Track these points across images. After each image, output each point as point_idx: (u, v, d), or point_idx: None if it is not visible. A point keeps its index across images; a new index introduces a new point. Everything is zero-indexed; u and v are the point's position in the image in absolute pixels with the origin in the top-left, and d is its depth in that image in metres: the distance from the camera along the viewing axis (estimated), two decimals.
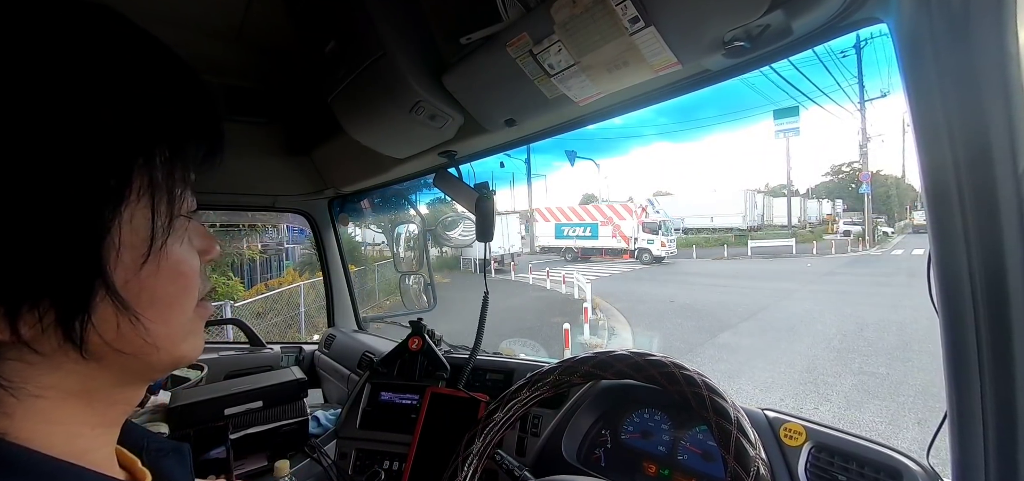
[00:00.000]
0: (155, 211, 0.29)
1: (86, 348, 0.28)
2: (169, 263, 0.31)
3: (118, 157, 0.27)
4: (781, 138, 26.26)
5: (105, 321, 0.28)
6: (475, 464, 0.87)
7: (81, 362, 0.29)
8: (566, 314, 8.05)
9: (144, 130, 0.28)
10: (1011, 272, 0.44)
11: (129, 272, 0.28)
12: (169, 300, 0.32)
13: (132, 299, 0.29)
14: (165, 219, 0.30)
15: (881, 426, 4.13)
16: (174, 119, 0.30)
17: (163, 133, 0.30)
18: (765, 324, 7.90)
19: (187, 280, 0.33)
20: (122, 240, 0.28)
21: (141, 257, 0.29)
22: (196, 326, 0.36)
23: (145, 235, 0.29)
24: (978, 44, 0.42)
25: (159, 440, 0.42)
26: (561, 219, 22.85)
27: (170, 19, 0.96)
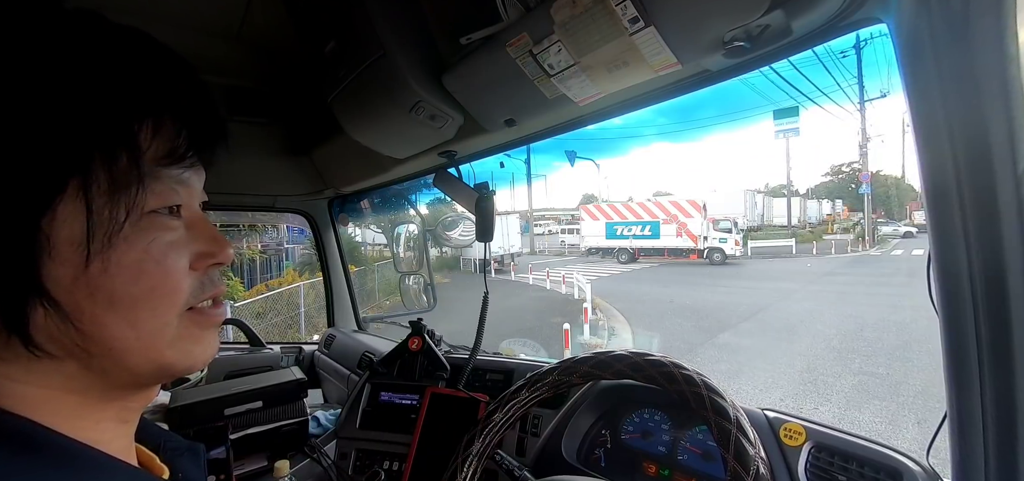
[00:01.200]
0: (92, 210, 0.27)
1: (34, 345, 0.27)
2: (126, 262, 0.29)
3: (41, 160, 0.25)
4: (781, 138, 26.26)
5: (40, 319, 0.27)
6: (475, 464, 0.87)
7: (50, 360, 0.28)
8: (566, 314, 8.04)
9: (71, 129, 0.26)
10: (1011, 272, 0.44)
11: (77, 270, 0.27)
12: (131, 302, 0.29)
13: (83, 299, 0.27)
14: (112, 217, 0.28)
15: (881, 426, 4.13)
16: (113, 111, 0.28)
17: (97, 129, 0.27)
18: (765, 324, 7.90)
19: (153, 281, 0.30)
20: (57, 239, 0.26)
21: (84, 256, 0.27)
22: (188, 333, 0.33)
23: (82, 230, 0.27)
24: (978, 44, 0.42)
25: (175, 439, 0.42)
26: (613, 217, 21.22)
27: (170, 19, 0.96)
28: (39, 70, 0.26)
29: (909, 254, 17.80)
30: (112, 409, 0.33)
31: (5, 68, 0.25)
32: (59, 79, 0.26)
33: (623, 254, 20.53)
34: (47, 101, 0.26)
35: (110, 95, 0.28)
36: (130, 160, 0.28)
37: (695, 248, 18.81)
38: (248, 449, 1.18)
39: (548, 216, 43.90)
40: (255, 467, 1.19)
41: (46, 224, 0.26)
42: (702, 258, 18.57)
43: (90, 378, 0.30)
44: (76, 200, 0.26)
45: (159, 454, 0.40)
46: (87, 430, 0.30)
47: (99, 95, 0.27)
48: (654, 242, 19.93)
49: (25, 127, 0.25)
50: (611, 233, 21.11)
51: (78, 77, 0.27)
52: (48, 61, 0.26)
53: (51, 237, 0.26)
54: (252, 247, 13.29)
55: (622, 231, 20.77)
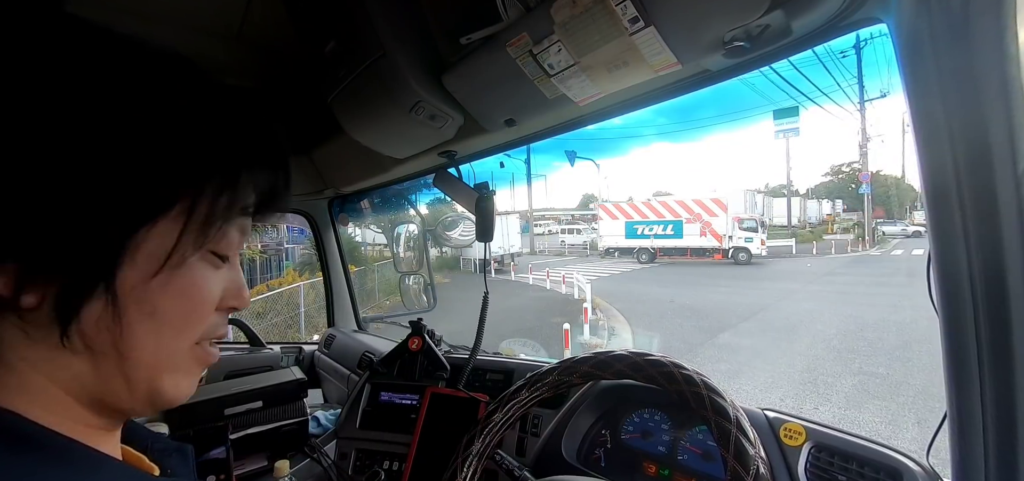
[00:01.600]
0: (183, 235, 0.30)
1: (69, 335, 0.28)
2: (180, 284, 0.32)
3: (163, 180, 0.29)
4: (781, 138, 26.25)
5: (93, 314, 0.29)
6: (475, 465, 0.87)
7: (68, 354, 0.29)
8: (566, 314, 8.04)
9: (197, 162, 0.31)
10: (1011, 272, 0.44)
11: (140, 278, 0.30)
12: (168, 318, 0.32)
13: (132, 304, 0.30)
14: (194, 245, 0.31)
15: (881, 427, 4.13)
16: (232, 156, 0.32)
17: (214, 168, 0.32)
18: (765, 324, 7.90)
19: (194, 305, 0.33)
20: (144, 249, 0.29)
21: (156, 268, 0.30)
22: (186, 366, 0.35)
23: (168, 248, 0.30)
24: (978, 44, 0.42)
25: (163, 440, 0.42)
26: (633, 216, 20.48)
27: (170, 19, 0.96)
28: (177, 107, 0.30)
29: (909, 254, 17.79)
30: (98, 420, 0.33)
31: (160, 100, 0.30)
32: (192, 118, 0.31)
33: (643, 254, 19.88)
34: (180, 134, 0.30)
35: (231, 140, 0.33)
36: (228, 201, 0.33)
37: (719, 248, 18.21)
38: (248, 449, 1.18)
39: (548, 216, 43.91)
40: (255, 467, 1.19)
41: (143, 234, 0.29)
42: (727, 258, 17.99)
43: (91, 383, 0.31)
44: (175, 221, 0.30)
45: (147, 455, 0.40)
46: (75, 430, 0.31)
47: (223, 137, 0.32)
48: (676, 242, 19.23)
49: (157, 149, 0.29)
50: (631, 233, 20.48)
51: (210, 119, 0.32)
52: (188, 103, 0.31)
53: (141, 245, 0.29)
54: (252, 247, 13.29)
55: (643, 231, 20.11)
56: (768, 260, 18.12)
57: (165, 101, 0.30)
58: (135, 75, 0.29)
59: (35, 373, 0.29)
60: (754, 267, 16.71)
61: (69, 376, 0.30)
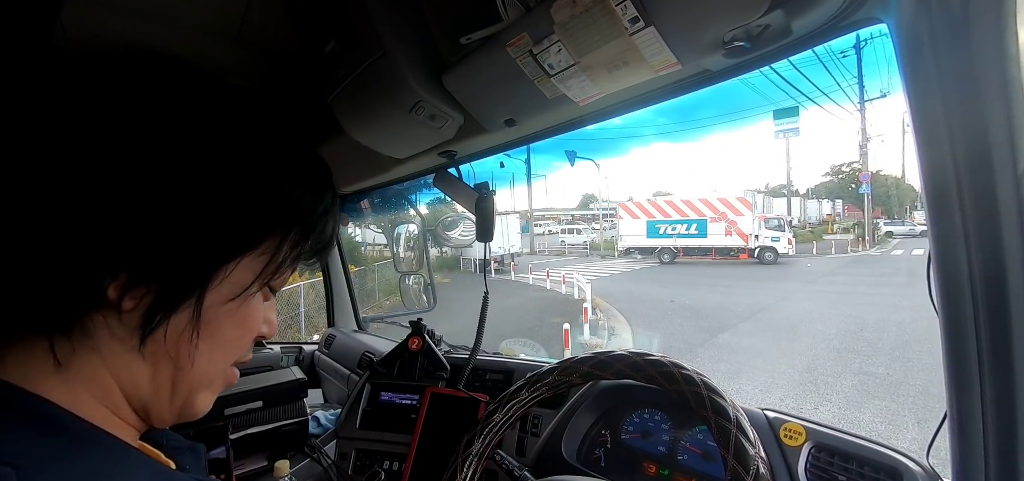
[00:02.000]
0: (264, 270, 0.36)
1: (147, 339, 0.32)
2: (242, 313, 0.36)
3: (264, 222, 0.35)
4: (781, 138, 26.23)
5: (177, 325, 0.33)
6: (475, 464, 0.87)
7: (133, 354, 0.33)
8: (566, 314, 8.05)
9: (291, 212, 0.36)
10: (1011, 272, 0.44)
11: (218, 301, 0.34)
12: (223, 341, 0.36)
13: (205, 324, 0.34)
14: (264, 281, 0.36)
15: (881, 426, 4.13)
16: (311, 219, 0.38)
17: (300, 223, 0.37)
18: (765, 324, 7.90)
19: (246, 333, 0.38)
20: (230, 275, 0.34)
21: (232, 296, 0.35)
22: (217, 384, 0.39)
23: (246, 282, 0.35)
24: (978, 44, 0.42)
25: (176, 439, 0.44)
26: (655, 215, 19.90)
27: (170, 19, 0.96)
28: (286, 163, 0.37)
29: (909, 254, 17.79)
30: (135, 419, 0.36)
31: (270, 152, 0.36)
32: (294, 172, 0.37)
33: (666, 254, 19.41)
34: (284, 183, 0.36)
35: (314, 194, 0.39)
36: (301, 247, 0.38)
37: (745, 247, 17.84)
38: (248, 449, 1.18)
39: (548, 216, 43.90)
40: (255, 467, 1.19)
41: (234, 262, 0.34)
42: (752, 258, 17.65)
43: (139, 383, 0.34)
44: (258, 258, 0.35)
45: (161, 452, 0.41)
46: (111, 419, 0.33)
47: (309, 191, 0.38)
48: (701, 241, 18.75)
49: (264, 192, 0.35)
50: (653, 232, 19.90)
51: (303, 174, 0.38)
52: (290, 158, 0.38)
53: (229, 274, 0.34)
54: None
55: (665, 230, 19.56)
56: (793, 259, 17.80)
57: (274, 154, 0.35)
58: (251, 127, 0.35)
59: (106, 369, 0.33)
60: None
61: (130, 379, 0.34)
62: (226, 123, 0.34)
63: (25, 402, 0.29)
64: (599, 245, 27.22)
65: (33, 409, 0.29)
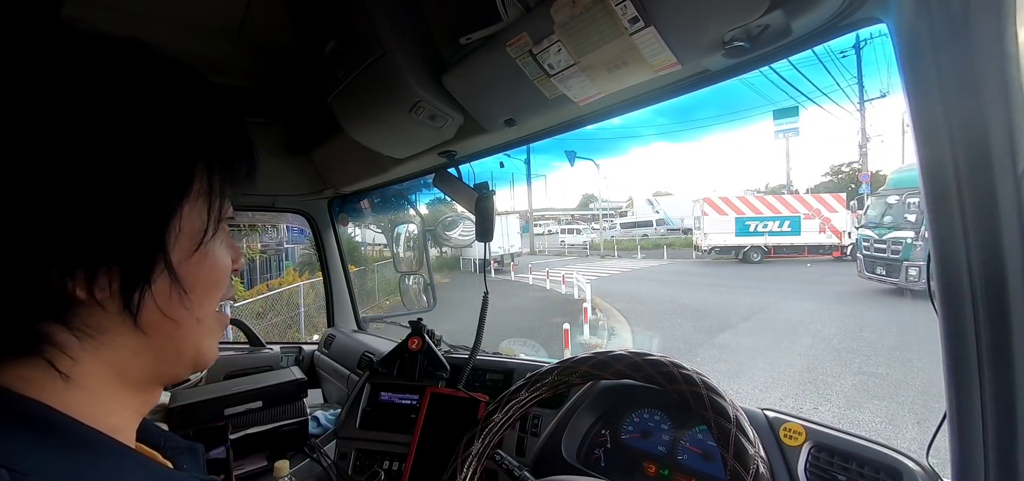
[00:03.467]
0: (210, 209, 0.36)
1: (140, 317, 0.33)
2: (212, 257, 0.37)
3: (183, 164, 0.34)
4: (781, 138, 26.20)
5: (160, 292, 0.33)
6: (475, 465, 0.87)
7: (130, 334, 0.33)
8: (566, 314, 8.04)
9: (203, 146, 0.36)
10: (1011, 272, 0.44)
11: (183, 256, 0.34)
12: (206, 288, 0.37)
13: (184, 277, 0.34)
14: (214, 218, 0.36)
15: (881, 426, 4.14)
16: (224, 142, 0.38)
17: (216, 150, 0.37)
18: (765, 323, 7.90)
19: (222, 274, 0.38)
20: (181, 227, 0.34)
21: (194, 246, 0.35)
22: (215, 327, 0.40)
23: (199, 228, 0.35)
24: (978, 44, 0.42)
25: (175, 439, 0.44)
26: (744, 212, 18.60)
27: (170, 19, 0.96)
28: (190, 106, 0.36)
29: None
30: (138, 398, 0.37)
31: (171, 100, 0.34)
32: (200, 113, 0.36)
33: (756, 252, 18.40)
34: (194, 125, 0.35)
35: (218, 124, 0.38)
36: (229, 175, 0.38)
37: (839, 244, 17.18)
38: (248, 449, 1.18)
39: (548, 216, 43.91)
40: (255, 467, 1.19)
41: (178, 214, 0.34)
42: (846, 255, 16.75)
43: (142, 359, 0.35)
44: (197, 201, 0.35)
45: (159, 453, 0.41)
46: (112, 415, 0.34)
47: (215, 124, 0.37)
48: (794, 239, 17.94)
49: (176, 138, 0.34)
50: (742, 230, 18.72)
51: (204, 110, 0.37)
52: (194, 101, 0.36)
53: (180, 225, 0.34)
54: (252, 247, 13.28)
55: (756, 227, 18.48)
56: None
57: (175, 101, 0.34)
58: (148, 80, 0.33)
59: (93, 361, 0.32)
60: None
61: (124, 356, 0.34)
62: (118, 85, 0.32)
63: (20, 405, 0.29)
64: (599, 245, 27.23)
65: (28, 412, 0.29)
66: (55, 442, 0.29)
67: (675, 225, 30.46)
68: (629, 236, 30.17)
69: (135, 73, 0.33)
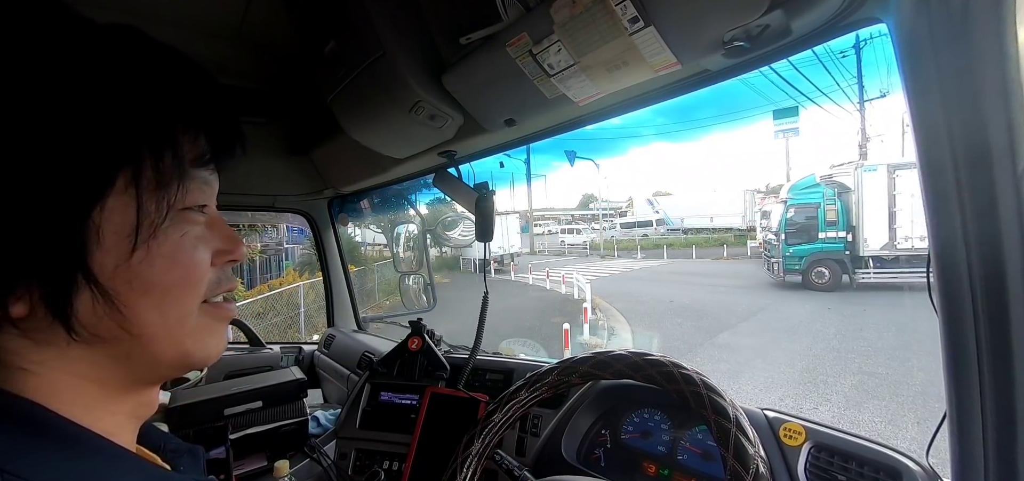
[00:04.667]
0: (141, 203, 0.30)
1: (75, 330, 0.29)
2: (163, 252, 0.32)
3: (96, 151, 0.28)
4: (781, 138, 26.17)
5: (86, 304, 0.29)
6: (475, 464, 0.87)
7: (82, 346, 0.30)
8: (566, 314, 8.04)
9: (124, 129, 0.29)
10: (1011, 272, 0.44)
11: (119, 258, 0.30)
12: (163, 290, 0.32)
13: (122, 286, 0.30)
14: (157, 211, 0.31)
15: (881, 426, 4.15)
16: (162, 115, 0.31)
17: (150, 129, 0.30)
18: (764, 324, 7.91)
19: (185, 271, 0.33)
20: (105, 229, 0.29)
21: (130, 245, 0.30)
22: (205, 324, 0.35)
23: (131, 223, 0.30)
24: (977, 44, 0.42)
25: (175, 441, 0.43)
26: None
27: (170, 19, 0.96)
28: (97, 77, 0.29)
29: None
30: (128, 403, 0.35)
31: (68, 74, 0.28)
32: (113, 86, 0.29)
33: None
34: (103, 104, 0.29)
35: (157, 102, 0.31)
36: (174, 159, 0.31)
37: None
38: (248, 449, 1.18)
39: (548, 216, 43.89)
40: (255, 467, 1.18)
41: (97, 215, 0.28)
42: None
43: (115, 366, 0.32)
44: (125, 194, 0.29)
45: (159, 455, 0.41)
46: (102, 420, 0.32)
47: (147, 102, 0.31)
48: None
49: (81, 125, 0.28)
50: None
51: (130, 85, 0.30)
52: (104, 70, 0.29)
53: (101, 227, 0.29)
54: (252, 247, 13.28)
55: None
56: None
57: (76, 78, 0.28)
58: (36, 43, 0.27)
59: (58, 373, 0.30)
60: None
61: (92, 366, 0.31)
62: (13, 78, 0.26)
63: (15, 406, 0.29)
64: (599, 245, 27.22)
65: (22, 412, 0.29)
66: (49, 443, 0.28)
67: (675, 225, 30.45)
68: (629, 236, 30.18)
69: (20, 35, 0.26)
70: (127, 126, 0.29)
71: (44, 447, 0.28)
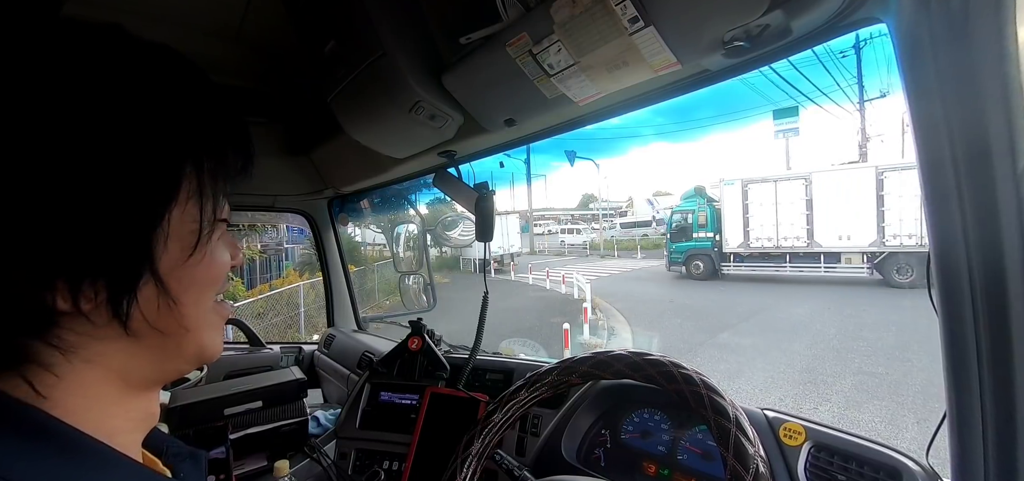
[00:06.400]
0: (202, 211, 0.34)
1: (129, 325, 0.32)
2: (209, 258, 0.36)
3: (169, 166, 0.32)
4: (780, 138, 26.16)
5: (148, 301, 0.32)
6: (475, 464, 0.87)
7: (123, 339, 0.32)
8: (566, 314, 8.05)
9: (192, 144, 0.34)
10: (1011, 272, 0.44)
11: (177, 260, 0.33)
12: (203, 285, 0.36)
13: (175, 283, 0.33)
14: (209, 219, 0.35)
15: (881, 427, 4.16)
16: (217, 137, 0.36)
17: (208, 147, 0.35)
18: (765, 324, 7.91)
19: (220, 271, 0.38)
20: (171, 232, 0.32)
21: (189, 249, 0.34)
22: (215, 320, 0.39)
23: (192, 231, 0.34)
24: (977, 44, 0.42)
25: (178, 445, 0.44)
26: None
27: (170, 19, 0.96)
28: (164, 97, 0.33)
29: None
30: (141, 401, 0.36)
31: (142, 95, 0.31)
32: (178, 104, 0.33)
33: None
34: (170, 120, 0.32)
35: (211, 119, 0.36)
36: (222, 175, 0.36)
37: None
38: (248, 449, 1.18)
39: (548, 216, 43.89)
40: (255, 467, 1.19)
41: (167, 219, 0.32)
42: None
43: (146, 361, 0.35)
44: (187, 204, 0.33)
45: (162, 458, 0.41)
46: (112, 418, 0.33)
47: (204, 119, 0.35)
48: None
49: (155, 137, 0.31)
50: None
51: (189, 104, 0.34)
52: (168, 91, 0.33)
53: (169, 232, 0.32)
54: (252, 247, 13.28)
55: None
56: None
57: (156, 95, 0.32)
58: (125, 72, 0.31)
59: (90, 366, 0.32)
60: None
61: (126, 360, 0.33)
62: (92, 80, 0.29)
63: (12, 410, 0.29)
64: (598, 245, 27.22)
65: (19, 416, 0.29)
66: (45, 448, 0.29)
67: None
68: (629, 236, 30.15)
69: (111, 64, 0.30)
70: (192, 140, 0.34)
71: (42, 451, 0.28)
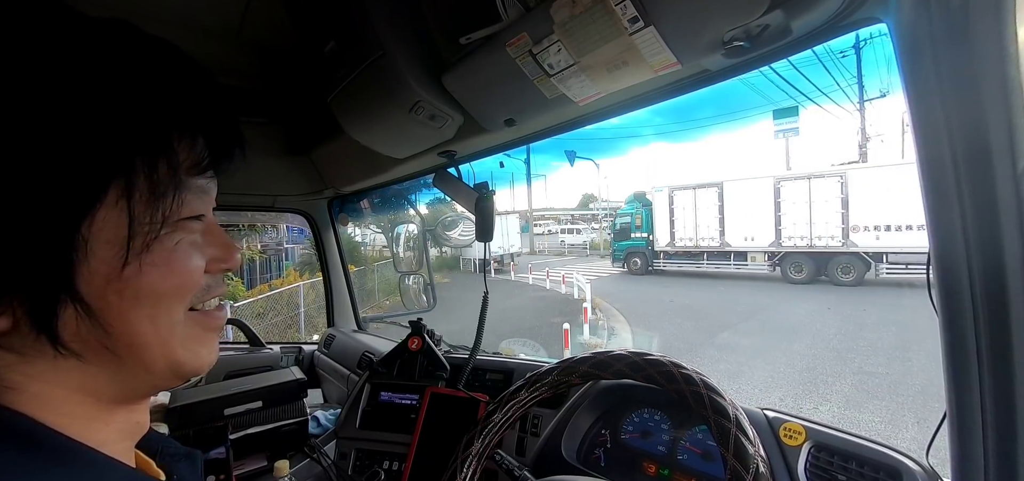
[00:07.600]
0: (133, 216, 0.28)
1: (61, 345, 0.28)
2: (156, 261, 0.30)
3: (84, 167, 0.26)
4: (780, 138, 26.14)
5: (71, 320, 0.28)
6: (475, 464, 0.87)
7: (73, 359, 0.29)
8: (566, 314, 8.05)
9: (115, 137, 0.27)
10: (1011, 272, 0.44)
11: (111, 270, 0.28)
12: (155, 299, 0.30)
13: (113, 296, 0.29)
14: (152, 222, 0.29)
15: (881, 427, 4.16)
16: (155, 122, 0.29)
17: (141, 138, 0.28)
18: (765, 324, 7.92)
19: (185, 279, 0.32)
20: (94, 243, 0.27)
21: (121, 258, 0.28)
22: (194, 334, 0.34)
23: (122, 237, 0.28)
24: (977, 44, 0.42)
25: (173, 446, 0.43)
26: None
27: (170, 19, 0.96)
28: (84, 80, 0.27)
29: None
30: (121, 413, 0.33)
31: (50, 77, 0.26)
32: (102, 90, 0.27)
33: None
34: (91, 110, 0.27)
35: (150, 106, 0.29)
36: (169, 168, 0.30)
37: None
38: (248, 449, 1.18)
39: (548, 216, 43.89)
40: (255, 467, 1.19)
41: (85, 229, 0.27)
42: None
43: (107, 377, 0.31)
44: (116, 207, 0.28)
45: (156, 459, 0.40)
46: (95, 432, 0.31)
47: (139, 106, 0.28)
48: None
49: (66, 134, 0.26)
50: None
51: (120, 88, 0.28)
52: (91, 72, 0.27)
53: (89, 241, 0.27)
54: (252, 247, 13.28)
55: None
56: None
57: (61, 82, 0.26)
58: (27, 59, 0.25)
59: (48, 386, 0.29)
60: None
61: (84, 378, 0.30)
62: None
63: (5, 418, 0.28)
64: (599, 245, 27.22)
65: (11, 424, 0.28)
66: (40, 456, 0.27)
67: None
68: None
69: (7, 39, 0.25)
70: (118, 134, 0.27)
71: (35, 460, 0.27)
